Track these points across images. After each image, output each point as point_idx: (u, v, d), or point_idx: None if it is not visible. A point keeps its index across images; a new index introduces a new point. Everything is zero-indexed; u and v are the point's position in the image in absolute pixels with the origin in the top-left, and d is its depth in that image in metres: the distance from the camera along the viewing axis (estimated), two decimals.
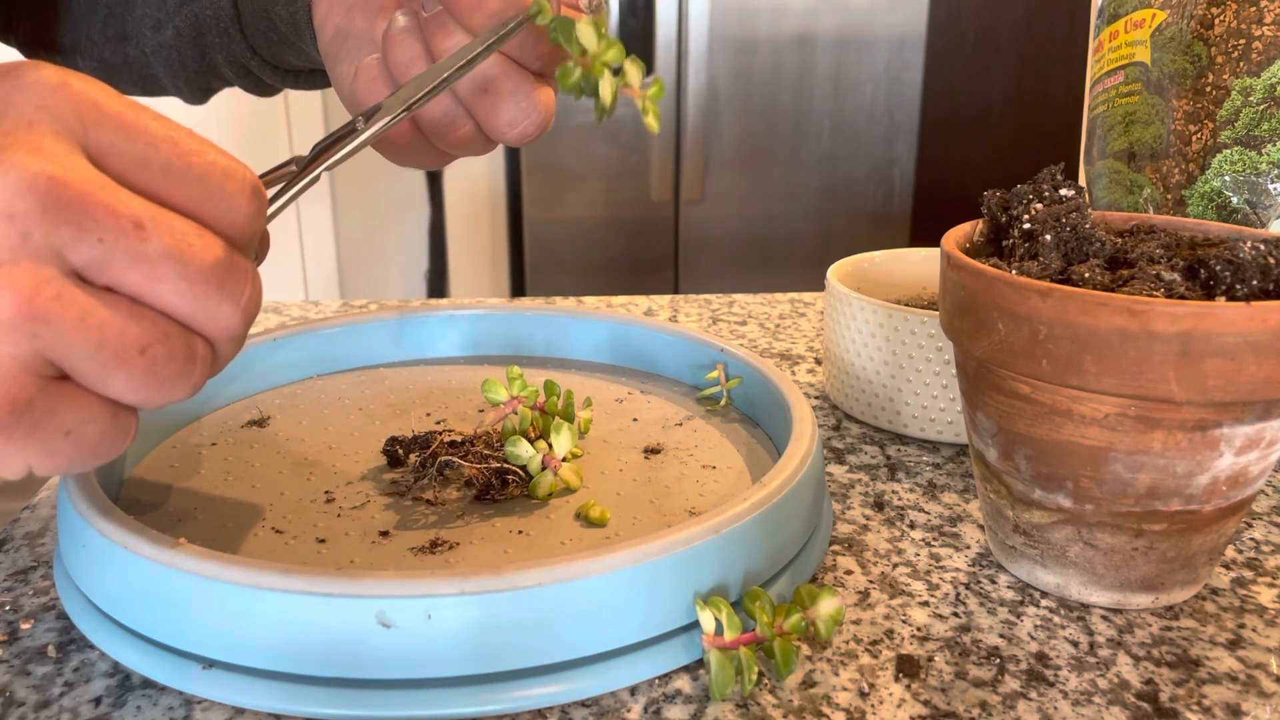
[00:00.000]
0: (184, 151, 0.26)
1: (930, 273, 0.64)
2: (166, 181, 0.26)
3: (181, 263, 0.26)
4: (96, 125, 0.25)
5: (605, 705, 0.34)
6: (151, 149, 0.26)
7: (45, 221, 0.24)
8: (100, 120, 0.25)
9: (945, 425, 0.54)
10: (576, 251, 2.28)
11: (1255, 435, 0.35)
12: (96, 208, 0.25)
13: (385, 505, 0.43)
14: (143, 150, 0.26)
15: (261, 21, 0.49)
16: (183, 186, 0.27)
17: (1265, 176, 0.53)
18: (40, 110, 0.25)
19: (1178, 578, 0.39)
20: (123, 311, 0.26)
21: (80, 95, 0.25)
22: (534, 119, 0.40)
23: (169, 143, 0.26)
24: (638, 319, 0.59)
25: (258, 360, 0.55)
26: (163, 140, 0.26)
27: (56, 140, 0.25)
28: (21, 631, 0.38)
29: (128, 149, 0.26)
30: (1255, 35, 0.53)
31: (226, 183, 0.27)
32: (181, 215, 0.27)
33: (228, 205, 0.28)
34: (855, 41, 2.18)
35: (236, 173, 0.28)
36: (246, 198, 0.28)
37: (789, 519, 0.39)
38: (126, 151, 0.26)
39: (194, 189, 0.27)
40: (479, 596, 0.32)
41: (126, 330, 0.26)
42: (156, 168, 0.26)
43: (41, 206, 0.24)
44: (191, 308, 0.27)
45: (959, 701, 0.35)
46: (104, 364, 0.26)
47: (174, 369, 0.27)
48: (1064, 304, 0.34)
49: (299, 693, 0.33)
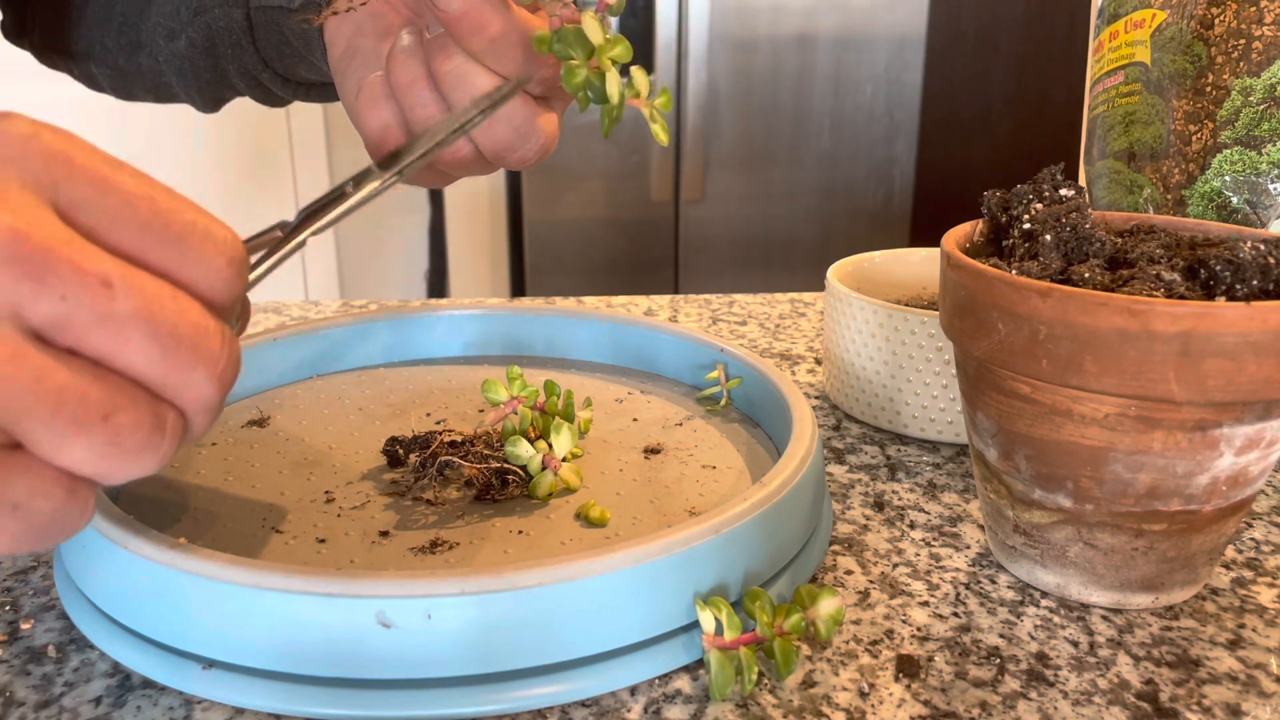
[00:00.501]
0: (161, 210, 0.25)
1: (930, 273, 0.64)
2: (142, 241, 0.25)
3: (152, 324, 0.24)
4: (68, 180, 0.24)
5: (605, 705, 0.34)
6: (126, 206, 0.24)
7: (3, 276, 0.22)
8: (72, 175, 0.24)
9: (945, 425, 0.54)
10: (576, 251, 2.28)
11: (1255, 435, 0.35)
12: (60, 263, 0.23)
13: (385, 505, 0.43)
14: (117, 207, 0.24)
15: (274, 34, 0.50)
16: (159, 246, 0.25)
17: (1265, 176, 0.53)
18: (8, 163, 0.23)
19: (1178, 578, 0.39)
20: (85, 374, 0.24)
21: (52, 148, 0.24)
22: (534, 144, 0.40)
23: (146, 200, 0.25)
24: (638, 319, 0.59)
25: (258, 360, 0.55)
26: (139, 198, 0.25)
27: (23, 193, 0.23)
28: (21, 631, 0.38)
29: (101, 205, 0.24)
30: (1255, 35, 0.53)
31: (206, 244, 0.26)
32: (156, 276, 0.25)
33: (206, 268, 0.26)
34: (855, 41, 2.18)
35: (217, 234, 0.26)
36: (226, 260, 0.26)
37: (789, 519, 0.39)
38: (99, 207, 0.24)
39: (170, 250, 0.25)
40: (479, 596, 0.32)
41: (88, 394, 0.24)
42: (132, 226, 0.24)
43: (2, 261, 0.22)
44: (162, 372, 0.25)
45: (959, 701, 0.35)
46: (62, 431, 0.23)
47: (140, 438, 0.25)
48: (1064, 304, 0.34)
49: (299, 693, 0.33)
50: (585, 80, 0.37)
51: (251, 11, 0.49)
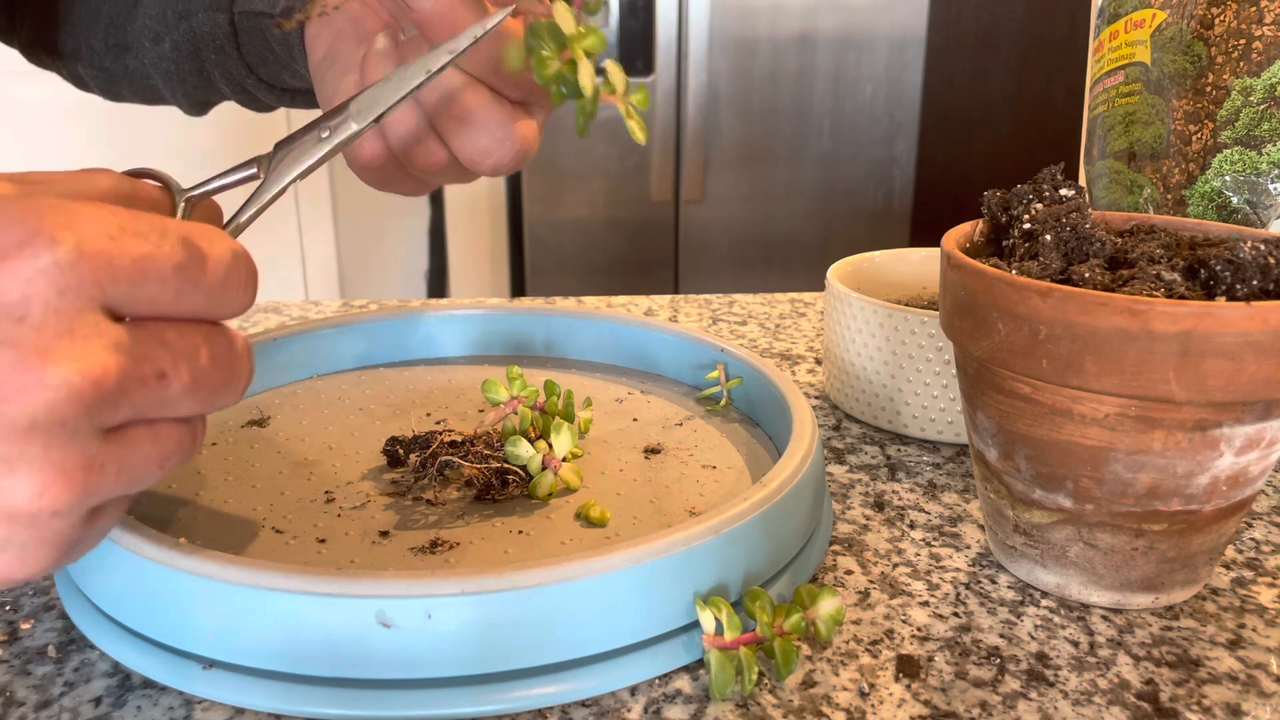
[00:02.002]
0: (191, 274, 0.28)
1: (930, 273, 0.64)
2: (178, 305, 0.28)
3: (196, 390, 0.29)
4: (112, 285, 0.26)
5: (605, 705, 0.34)
6: (161, 285, 0.27)
7: (91, 417, 0.26)
8: (115, 279, 0.26)
9: (945, 425, 0.54)
10: (576, 251, 2.28)
11: (1255, 435, 0.35)
12: (129, 383, 0.27)
13: (385, 505, 0.43)
14: (155, 291, 0.27)
15: (257, 41, 0.50)
16: (192, 304, 0.29)
17: (1265, 176, 0.53)
18: (64, 294, 0.26)
19: (1178, 578, 0.39)
20: (145, 443, 0.28)
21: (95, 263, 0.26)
22: (509, 150, 0.40)
23: (176, 274, 0.28)
24: (638, 319, 0.59)
25: (258, 360, 0.55)
26: (170, 274, 0.28)
27: (83, 322, 0.26)
28: (21, 631, 0.38)
29: (142, 295, 0.27)
30: (1255, 35, 0.53)
31: (229, 285, 0.29)
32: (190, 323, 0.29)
33: (229, 302, 0.30)
34: (855, 41, 2.18)
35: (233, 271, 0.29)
36: (244, 290, 0.30)
37: (789, 519, 0.39)
38: (141, 298, 0.27)
39: (201, 302, 0.29)
40: (479, 596, 0.32)
41: (150, 458, 0.28)
42: (167, 300, 0.28)
43: (88, 408, 0.26)
44: (201, 411, 0.30)
45: (959, 701, 0.35)
46: (133, 489, 0.28)
47: (181, 459, 0.30)
48: (1064, 304, 0.34)
49: (299, 693, 0.33)
50: (557, 73, 0.36)
51: (235, 17, 0.49)
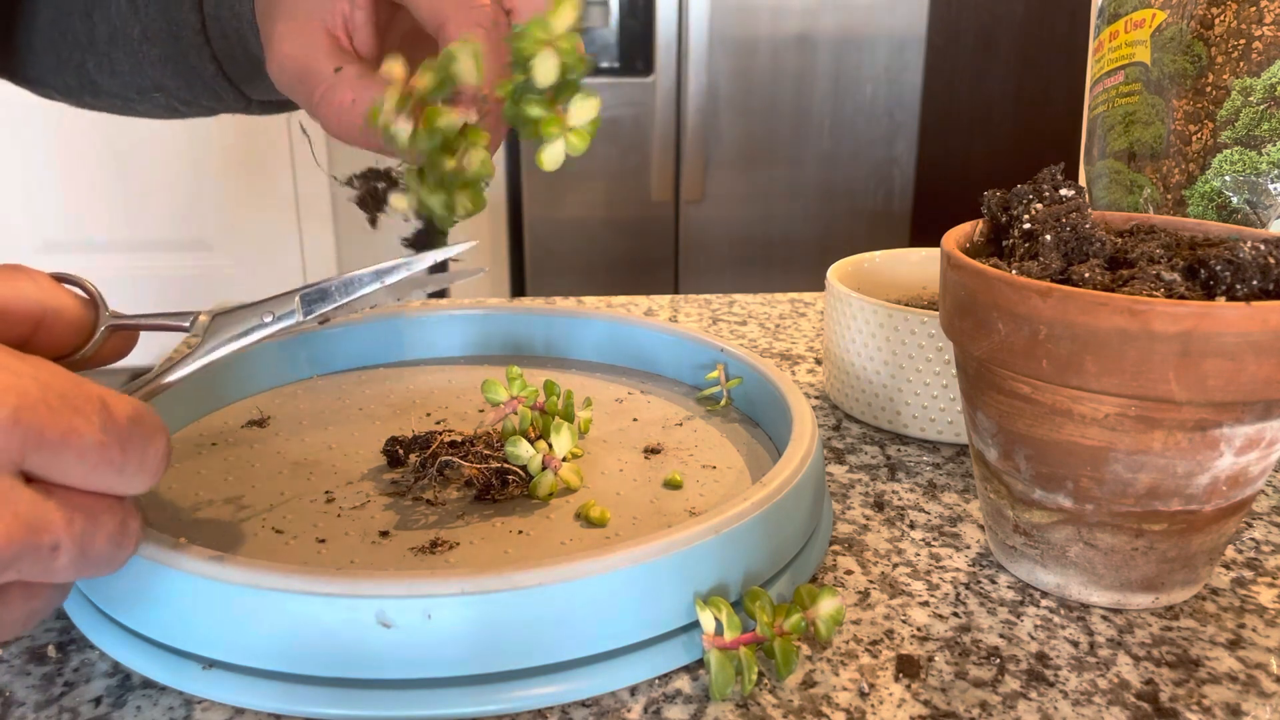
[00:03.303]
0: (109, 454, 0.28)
1: (930, 273, 0.64)
2: (88, 478, 0.28)
3: (81, 563, 0.28)
4: (36, 453, 0.27)
5: (605, 705, 0.34)
6: (80, 460, 0.28)
7: None
8: (41, 448, 0.27)
9: (945, 425, 0.54)
10: (576, 251, 2.28)
11: (1255, 435, 0.35)
12: (25, 550, 0.27)
13: (385, 505, 0.43)
14: (72, 463, 0.28)
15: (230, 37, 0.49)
16: (103, 480, 0.29)
17: (1265, 176, 0.53)
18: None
19: (1178, 578, 0.39)
20: (17, 601, 0.28)
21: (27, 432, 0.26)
22: None
23: (96, 450, 0.28)
24: (638, 319, 0.59)
25: (258, 360, 0.55)
26: (91, 449, 0.28)
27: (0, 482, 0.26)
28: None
29: (59, 465, 0.27)
30: (1255, 35, 0.53)
31: (143, 464, 0.29)
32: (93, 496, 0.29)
33: (140, 480, 0.30)
34: (855, 41, 2.19)
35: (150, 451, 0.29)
36: (152, 473, 0.30)
37: (789, 519, 0.39)
38: (57, 468, 0.27)
39: (110, 477, 0.29)
40: (479, 596, 0.32)
41: (16, 616, 0.28)
42: (81, 473, 0.28)
43: None
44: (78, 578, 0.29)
45: (959, 701, 0.35)
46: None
47: (52, 606, 0.30)
48: (1064, 304, 0.34)
49: (299, 693, 0.33)
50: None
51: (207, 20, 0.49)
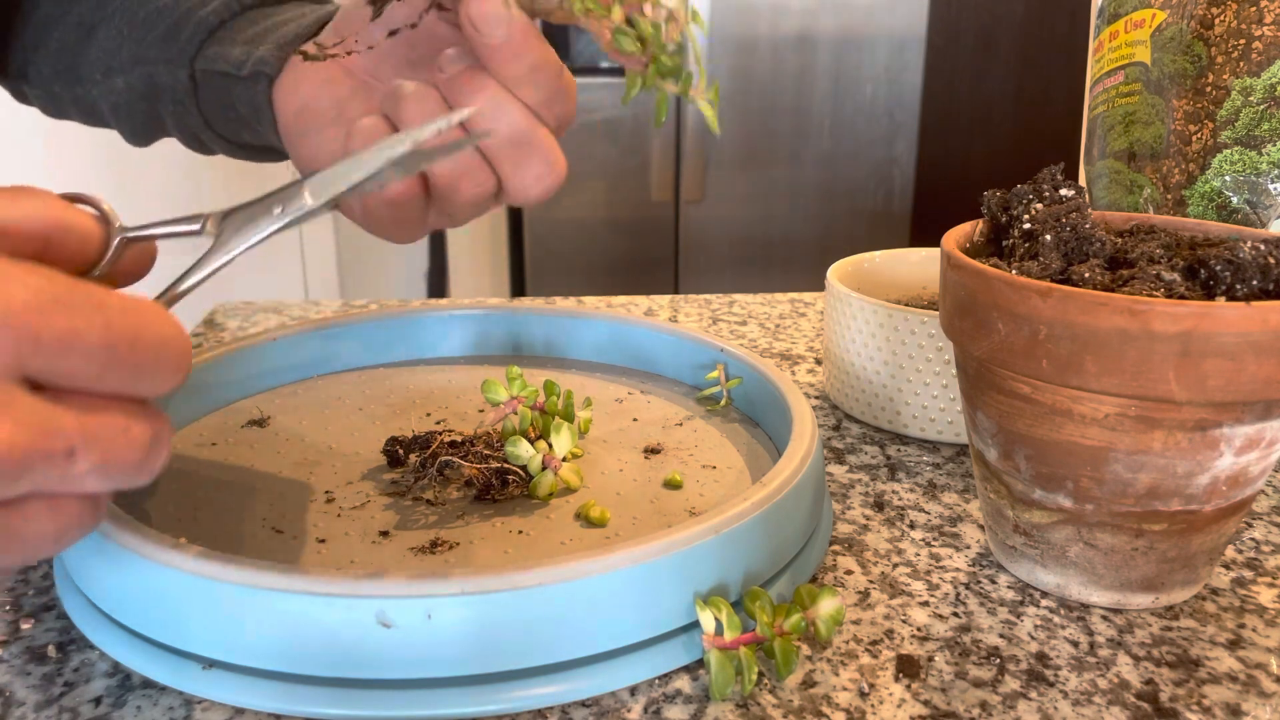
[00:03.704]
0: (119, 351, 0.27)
1: (930, 273, 0.64)
2: (102, 382, 0.27)
3: (105, 471, 0.27)
4: (34, 355, 0.25)
5: (605, 705, 0.34)
6: (86, 361, 0.26)
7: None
8: (39, 350, 0.25)
9: (945, 425, 0.54)
10: (576, 251, 2.28)
11: (1255, 435, 0.35)
12: (35, 458, 0.25)
13: (385, 505, 0.43)
14: (79, 365, 0.26)
15: (220, 98, 0.48)
16: (117, 381, 0.27)
17: (1265, 176, 0.53)
18: None
19: (1178, 578, 0.39)
20: (43, 517, 0.27)
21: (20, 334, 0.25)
22: (556, 176, 0.40)
23: (103, 350, 0.26)
24: (638, 319, 0.59)
25: (258, 360, 0.55)
26: (97, 349, 0.26)
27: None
28: (21, 631, 0.38)
29: (64, 367, 0.26)
30: (1255, 35, 0.53)
31: (159, 364, 0.28)
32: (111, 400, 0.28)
33: (158, 381, 0.28)
34: (855, 41, 2.19)
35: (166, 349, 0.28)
36: (174, 370, 0.28)
37: (789, 519, 0.39)
38: (63, 369, 0.26)
39: (127, 379, 0.27)
40: (479, 596, 0.32)
41: (45, 533, 0.27)
42: (92, 374, 0.27)
43: None
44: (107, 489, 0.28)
45: (959, 701, 0.35)
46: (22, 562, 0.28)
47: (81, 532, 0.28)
48: (1064, 304, 0.34)
49: (299, 693, 0.33)
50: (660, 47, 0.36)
51: (196, 74, 0.48)
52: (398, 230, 0.43)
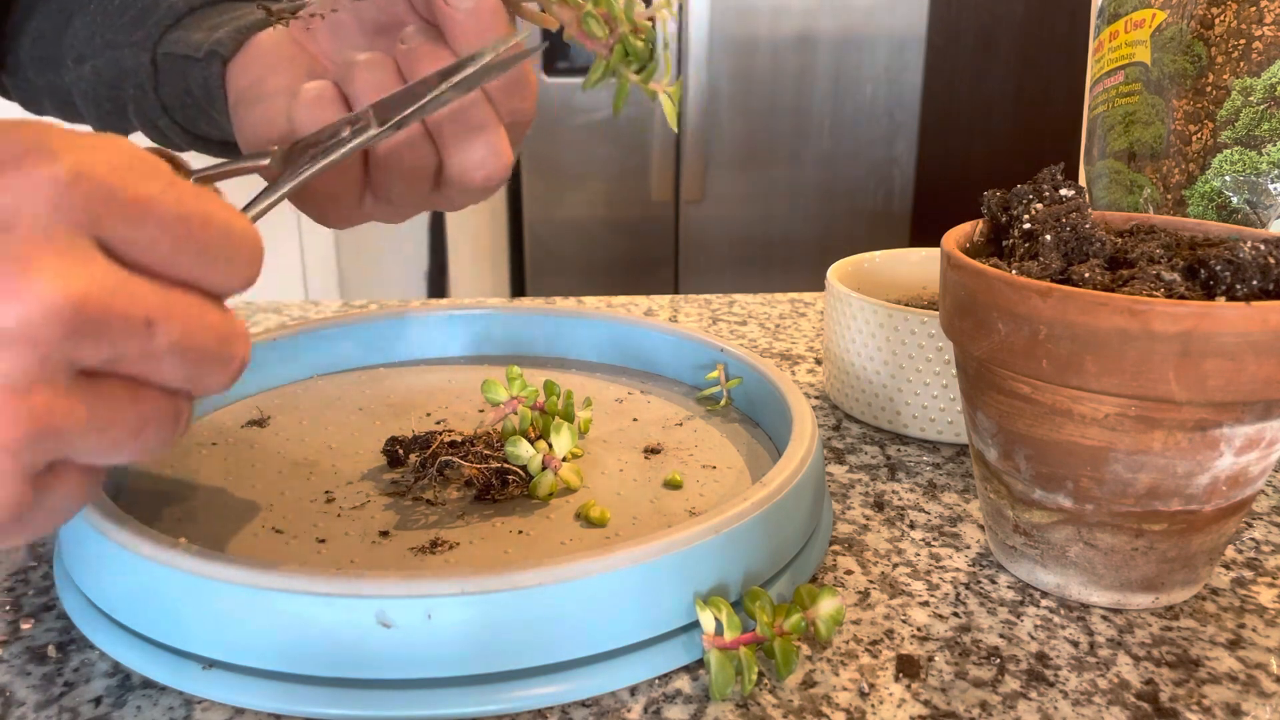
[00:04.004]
0: (192, 228, 0.27)
1: (930, 273, 0.64)
2: (174, 258, 0.27)
3: (184, 351, 0.27)
4: (110, 218, 0.25)
5: (605, 705, 0.34)
6: (161, 231, 0.26)
7: (65, 344, 0.24)
8: (113, 212, 0.25)
9: (945, 425, 0.54)
10: (576, 251, 2.28)
11: (1255, 435, 0.35)
12: (113, 318, 0.25)
13: (385, 505, 0.43)
14: (154, 235, 0.26)
15: (178, 83, 0.48)
16: (189, 261, 0.27)
17: (1265, 176, 0.53)
18: (56, 211, 0.24)
19: (1178, 578, 0.39)
20: (123, 401, 0.26)
21: (95, 189, 0.25)
22: (500, 166, 0.39)
23: (178, 221, 0.26)
24: (638, 319, 0.59)
25: (258, 360, 0.55)
26: (172, 220, 0.26)
27: (73, 245, 0.25)
28: (21, 631, 0.38)
29: (139, 236, 0.26)
30: (1255, 35, 0.53)
31: (232, 252, 0.28)
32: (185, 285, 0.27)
33: (230, 271, 0.28)
34: (855, 41, 2.18)
35: (237, 236, 0.28)
36: (246, 262, 0.28)
37: (789, 519, 0.39)
38: (137, 238, 0.26)
39: (200, 261, 0.27)
40: (479, 596, 0.32)
41: (127, 419, 0.27)
42: (166, 249, 0.26)
43: (64, 333, 0.24)
44: (188, 384, 0.28)
45: (959, 701, 0.35)
46: (102, 453, 0.27)
47: (163, 436, 0.28)
48: (1064, 304, 0.34)
49: (299, 693, 0.33)
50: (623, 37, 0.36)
51: (158, 58, 0.48)
52: (330, 209, 0.42)
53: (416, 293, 2.46)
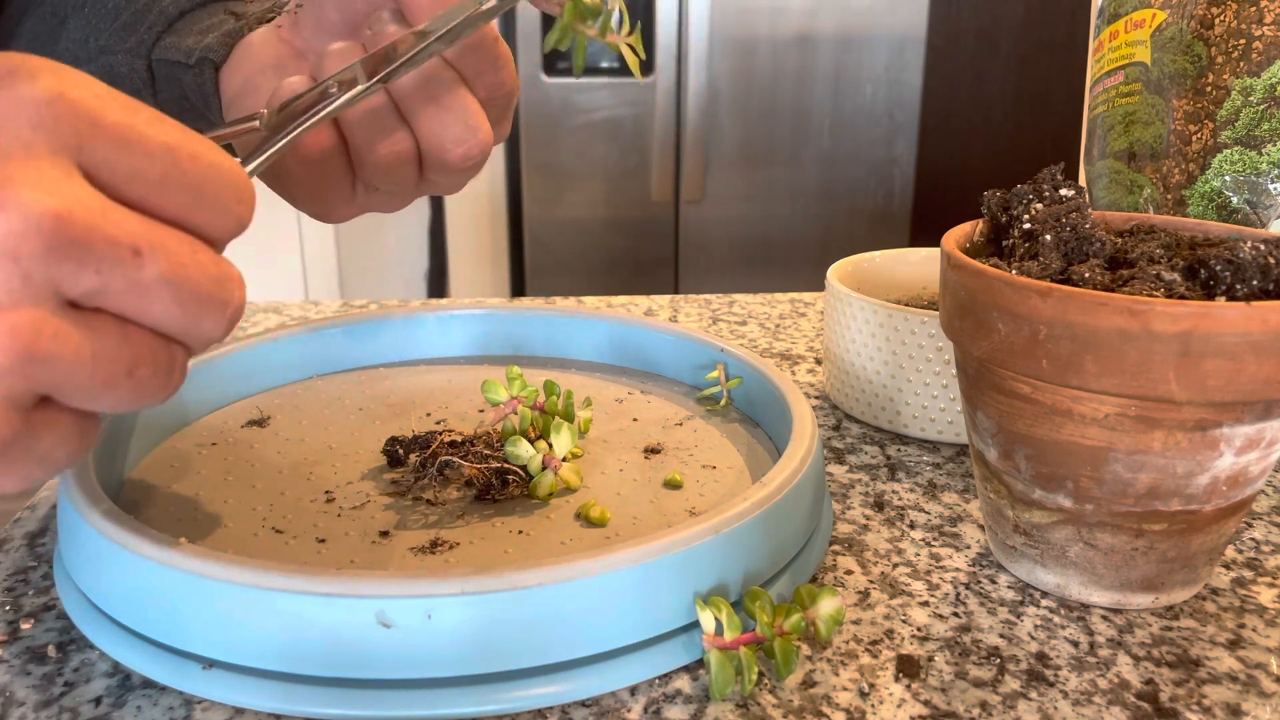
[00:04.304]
0: (179, 159, 0.26)
1: (930, 273, 0.64)
2: (162, 192, 0.26)
3: (175, 286, 0.26)
4: (92, 140, 0.25)
5: (605, 705, 0.34)
6: (148, 160, 0.25)
7: (48, 261, 0.24)
8: (96, 135, 0.25)
9: (945, 425, 0.54)
10: (576, 251, 2.28)
11: (1255, 435, 0.35)
12: (97, 240, 0.24)
13: (385, 505, 0.43)
14: (139, 163, 0.25)
15: (174, 89, 0.48)
16: (177, 196, 0.26)
17: (1265, 176, 0.53)
18: (37, 129, 0.24)
19: (1178, 578, 0.39)
20: (113, 337, 0.26)
21: (77, 110, 0.24)
22: (479, 143, 0.39)
23: (164, 151, 0.26)
24: (638, 319, 0.59)
25: (258, 360, 0.55)
26: (158, 150, 0.26)
27: (55, 163, 0.24)
28: (21, 631, 0.38)
29: (123, 163, 0.25)
30: (1255, 35, 0.53)
31: (220, 188, 0.27)
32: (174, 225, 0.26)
33: (220, 210, 0.27)
34: (855, 41, 2.19)
35: (228, 175, 0.27)
36: (237, 200, 0.28)
37: (789, 519, 0.39)
38: (121, 166, 0.25)
39: (188, 197, 0.26)
40: (479, 596, 0.32)
41: (118, 356, 0.26)
42: (152, 179, 0.26)
43: (46, 248, 0.24)
44: (180, 325, 0.27)
45: (959, 701, 0.35)
46: (92, 391, 0.26)
47: (157, 383, 0.27)
48: (1064, 304, 0.34)
49: (299, 693, 0.33)
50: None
51: (153, 64, 0.48)
52: (324, 204, 0.42)
53: (416, 293, 2.46)
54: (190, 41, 0.47)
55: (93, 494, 0.37)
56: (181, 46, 0.47)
